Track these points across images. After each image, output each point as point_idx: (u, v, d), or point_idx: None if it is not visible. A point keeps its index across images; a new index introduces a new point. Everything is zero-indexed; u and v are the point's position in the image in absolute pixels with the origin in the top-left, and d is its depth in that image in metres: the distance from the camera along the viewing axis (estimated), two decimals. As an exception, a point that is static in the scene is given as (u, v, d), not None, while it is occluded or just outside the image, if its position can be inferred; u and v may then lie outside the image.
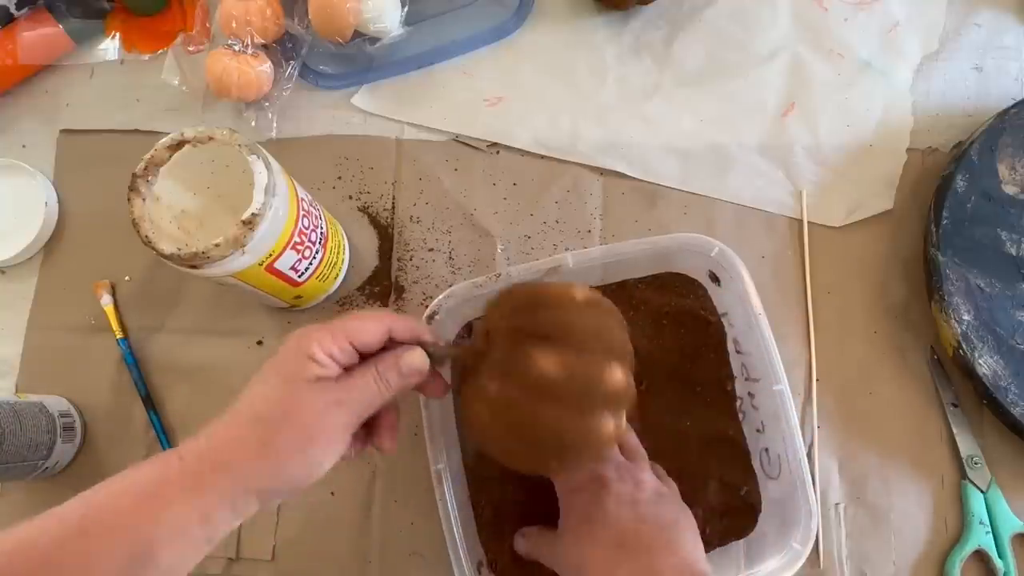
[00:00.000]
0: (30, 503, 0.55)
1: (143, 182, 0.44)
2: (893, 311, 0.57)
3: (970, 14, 0.62)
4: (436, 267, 0.58)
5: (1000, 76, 0.61)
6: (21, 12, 0.61)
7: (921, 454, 0.54)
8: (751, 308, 0.50)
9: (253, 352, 0.57)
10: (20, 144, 0.63)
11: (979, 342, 0.52)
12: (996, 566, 0.51)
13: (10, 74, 0.62)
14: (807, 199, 0.59)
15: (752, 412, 0.52)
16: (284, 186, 0.45)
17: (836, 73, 0.62)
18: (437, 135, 0.61)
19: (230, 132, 0.45)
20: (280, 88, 0.61)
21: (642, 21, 0.63)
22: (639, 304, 0.55)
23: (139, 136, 0.61)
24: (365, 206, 0.60)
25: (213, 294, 0.58)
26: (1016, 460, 0.53)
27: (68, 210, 0.61)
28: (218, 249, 0.42)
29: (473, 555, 0.48)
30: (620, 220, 0.59)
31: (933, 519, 0.53)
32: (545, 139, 0.60)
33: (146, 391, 0.56)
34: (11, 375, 0.58)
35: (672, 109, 0.61)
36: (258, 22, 0.58)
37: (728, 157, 0.60)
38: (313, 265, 0.51)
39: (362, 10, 0.58)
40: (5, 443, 0.48)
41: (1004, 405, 0.51)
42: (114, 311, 0.58)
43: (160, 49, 0.63)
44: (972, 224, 0.54)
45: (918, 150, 0.60)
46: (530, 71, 0.62)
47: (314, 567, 0.53)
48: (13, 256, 0.58)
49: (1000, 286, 0.54)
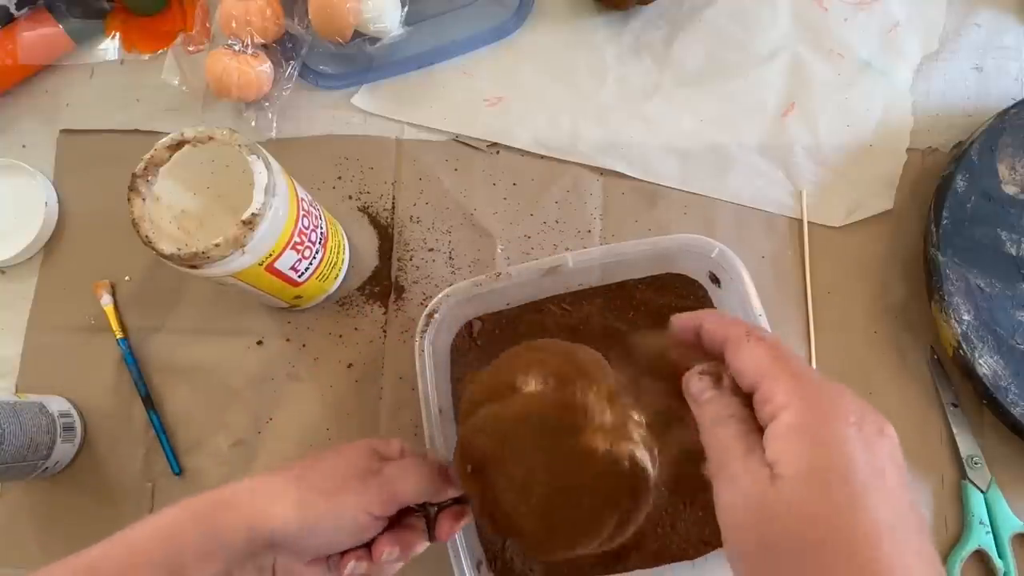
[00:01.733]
0: (30, 503, 0.55)
1: (143, 182, 0.44)
2: (893, 311, 0.57)
3: (970, 14, 0.62)
4: (436, 267, 0.58)
5: (1000, 76, 0.61)
6: (21, 12, 0.61)
7: (921, 454, 0.54)
8: (751, 309, 0.50)
9: (253, 352, 0.57)
10: (20, 144, 0.63)
11: (979, 342, 0.52)
12: (996, 566, 0.51)
13: (10, 74, 0.62)
14: (807, 199, 0.59)
15: (752, 412, 0.52)
16: (284, 186, 0.45)
17: (836, 73, 0.61)
18: (437, 135, 0.61)
19: (230, 132, 0.45)
20: (280, 88, 0.61)
21: (642, 21, 0.63)
22: (639, 305, 0.55)
23: (139, 136, 0.61)
24: (365, 206, 0.60)
25: (213, 294, 0.58)
26: (1016, 460, 0.53)
27: (68, 210, 0.61)
28: (218, 249, 0.42)
29: (473, 555, 0.48)
30: (620, 220, 0.59)
31: (933, 519, 0.53)
32: (545, 139, 0.60)
33: (146, 391, 0.56)
34: (11, 375, 0.58)
35: (672, 109, 0.61)
36: (258, 22, 0.58)
37: (728, 157, 0.60)
38: (313, 265, 0.51)
39: (362, 10, 0.58)
40: (5, 443, 0.48)
41: (1004, 405, 0.51)
42: (114, 311, 0.58)
43: (160, 49, 0.63)
44: (972, 224, 0.54)
45: (918, 150, 0.60)
46: (530, 71, 0.62)
47: (314, 567, 0.53)
48: (13, 256, 0.58)
49: (1000, 286, 0.54)
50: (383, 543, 0.38)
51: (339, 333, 0.57)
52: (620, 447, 0.35)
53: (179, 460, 0.56)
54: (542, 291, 0.55)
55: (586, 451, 0.35)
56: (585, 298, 0.55)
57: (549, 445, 0.35)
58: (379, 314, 0.58)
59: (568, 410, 0.35)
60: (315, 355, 0.57)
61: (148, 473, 0.55)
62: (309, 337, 0.57)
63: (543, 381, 0.37)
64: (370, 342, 0.57)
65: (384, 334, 0.57)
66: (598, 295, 0.55)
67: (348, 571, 0.38)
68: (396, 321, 0.57)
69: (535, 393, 0.36)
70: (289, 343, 0.57)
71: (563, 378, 0.37)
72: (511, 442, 0.36)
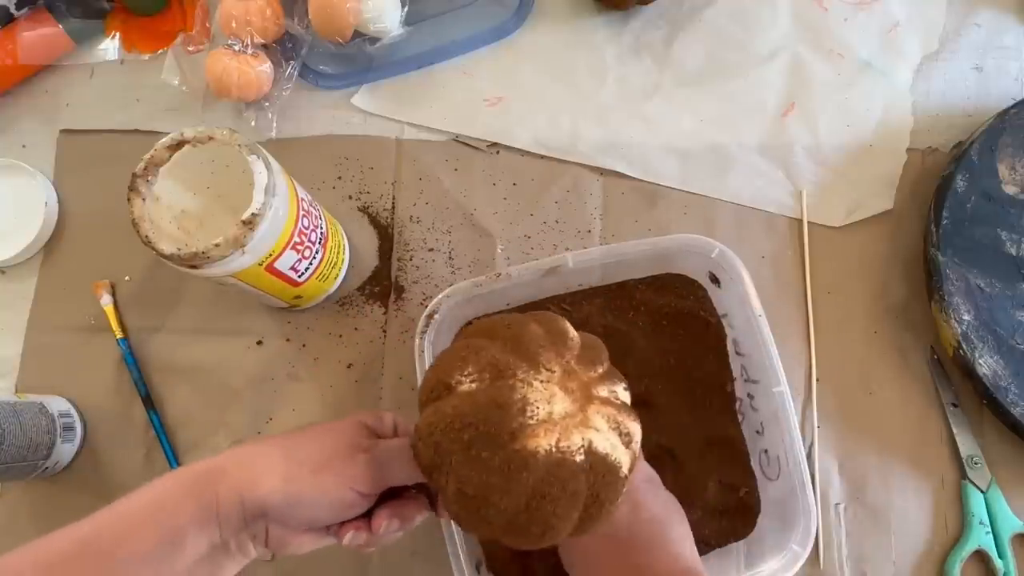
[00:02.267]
0: (30, 503, 0.55)
1: (143, 182, 0.44)
2: (893, 311, 0.57)
3: (970, 14, 0.62)
4: (436, 267, 0.58)
5: (1000, 76, 0.61)
6: (21, 12, 0.61)
7: (921, 454, 0.54)
8: (751, 310, 0.50)
9: (253, 352, 0.57)
10: (20, 144, 0.63)
11: (979, 342, 0.52)
12: (996, 566, 0.51)
13: (10, 74, 0.62)
14: (807, 199, 0.59)
15: (752, 413, 0.52)
16: (284, 186, 0.45)
17: (836, 73, 0.61)
18: (437, 135, 0.61)
19: (230, 132, 0.45)
20: (280, 88, 0.61)
21: (642, 21, 0.63)
22: (639, 305, 0.55)
23: (139, 136, 0.61)
24: (365, 206, 0.60)
25: (213, 294, 0.58)
26: (1016, 460, 0.53)
27: (68, 210, 0.61)
28: (218, 249, 0.42)
29: (473, 555, 0.48)
30: (620, 220, 0.59)
31: (933, 519, 0.53)
32: (545, 139, 0.60)
33: (146, 391, 0.56)
34: (11, 375, 0.58)
35: (672, 109, 0.61)
36: (258, 22, 0.58)
37: (728, 157, 0.60)
38: (313, 265, 0.51)
39: (362, 10, 0.58)
40: (5, 443, 0.48)
41: (1004, 405, 0.51)
42: (114, 311, 0.58)
43: (160, 49, 0.63)
44: (972, 224, 0.54)
45: (918, 150, 0.60)
46: (530, 71, 0.62)
47: (314, 567, 0.53)
48: (13, 256, 0.58)
49: (1000, 286, 0.54)
50: (382, 516, 0.38)
51: (339, 333, 0.57)
52: (570, 440, 0.33)
53: (179, 460, 0.56)
54: (542, 291, 0.55)
55: (526, 456, 0.32)
56: (585, 298, 0.55)
57: (486, 456, 0.32)
58: (379, 314, 0.58)
59: (502, 411, 0.32)
60: (315, 355, 0.57)
61: (148, 473, 0.55)
62: (309, 337, 0.57)
63: (477, 377, 0.34)
64: (370, 342, 0.57)
65: (384, 334, 0.57)
66: (598, 295, 0.55)
67: (347, 541, 0.38)
68: (396, 321, 0.57)
69: (467, 393, 0.34)
70: (289, 343, 0.57)
71: (500, 370, 0.33)
72: (447, 455, 0.33)
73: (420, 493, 0.41)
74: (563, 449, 0.33)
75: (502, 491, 0.32)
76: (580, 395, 0.34)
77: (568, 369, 0.35)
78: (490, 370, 0.34)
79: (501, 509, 0.33)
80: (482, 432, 0.32)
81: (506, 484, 0.32)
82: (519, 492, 0.32)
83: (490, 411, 0.32)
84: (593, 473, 0.33)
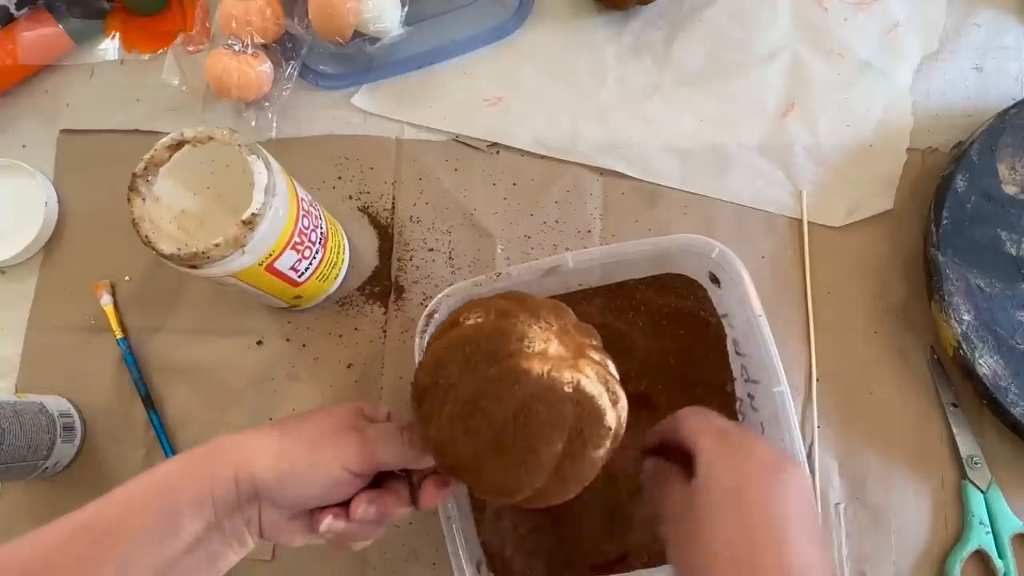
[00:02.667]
0: (30, 503, 0.55)
1: (143, 182, 0.44)
2: (893, 311, 0.57)
3: (970, 14, 0.62)
4: (436, 267, 0.58)
5: (1000, 76, 0.61)
6: (21, 12, 0.61)
7: (921, 454, 0.54)
8: (751, 310, 0.50)
9: (253, 352, 0.57)
10: (20, 144, 0.63)
11: (979, 342, 0.52)
12: (996, 566, 0.51)
13: (10, 74, 0.62)
14: (807, 199, 0.59)
15: (752, 414, 0.52)
16: (284, 186, 0.45)
17: (836, 73, 0.61)
18: (437, 135, 0.61)
19: (230, 132, 0.45)
20: (280, 88, 0.61)
21: (642, 21, 0.63)
22: (639, 305, 0.55)
23: (139, 136, 0.61)
24: (365, 206, 0.60)
25: (213, 294, 0.58)
26: (1016, 460, 0.53)
27: (68, 210, 0.61)
28: (218, 249, 0.42)
29: (473, 555, 0.48)
30: (620, 220, 0.59)
31: (933, 519, 0.53)
32: (545, 139, 0.60)
33: (146, 391, 0.56)
34: (11, 375, 0.58)
35: (672, 109, 0.61)
36: (258, 22, 0.58)
37: (728, 157, 0.60)
38: (313, 265, 0.51)
39: (362, 10, 0.58)
40: (5, 443, 0.48)
41: (1004, 405, 0.51)
42: (114, 311, 0.58)
43: (160, 49, 0.63)
44: (972, 224, 0.54)
45: (918, 150, 0.60)
46: (530, 71, 0.62)
47: (314, 567, 0.53)
48: (13, 256, 0.58)
49: (1000, 286, 0.54)
50: (360, 500, 0.39)
51: (339, 333, 0.57)
52: (561, 374, 0.34)
53: (179, 460, 0.56)
54: (542, 291, 0.55)
55: (520, 372, 0.34)
56: (585, 298, 0.55)
57: (482, 367, 0.35)
58: (379, 314, 0.58)
59: (502, 335, 0.35)
60: (315, 355, 0.57)
61: (148, 473, 0.55)
62: (309, 337, 0.57)
63: (483, 315, 0.37)
64: (370, 342, 0.57)
65: (384, 334, 0.57)
66: (598, 295, 0.55)
67: (324, 527, 0.38)
68: (396, 321, 0.57)
69: (472, 325, 0.37)
70: (289, 343, 0.57)
71: (505, 312, 0.37)
72: (446, 366, 0.36)
73: (402, 487, 0.41)
74: (554, 377, 0.34)
75: (494, 398, 0.34)
76: (574, 350, 0.37)
77: (566, 329, 0.37)
78: (496, 312, 0.37)
79: (490, 418, 0.34)
80: (482, 348, 0.35)
81: (497, 391, 0.34)
82: (509, 402, 0.34)
83: (492, 335, 0.35)
84: (579, 407, 0.35)
